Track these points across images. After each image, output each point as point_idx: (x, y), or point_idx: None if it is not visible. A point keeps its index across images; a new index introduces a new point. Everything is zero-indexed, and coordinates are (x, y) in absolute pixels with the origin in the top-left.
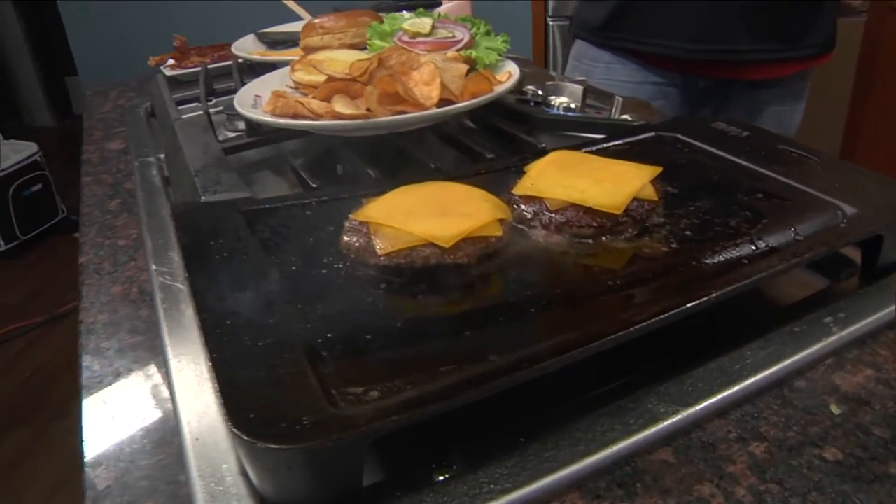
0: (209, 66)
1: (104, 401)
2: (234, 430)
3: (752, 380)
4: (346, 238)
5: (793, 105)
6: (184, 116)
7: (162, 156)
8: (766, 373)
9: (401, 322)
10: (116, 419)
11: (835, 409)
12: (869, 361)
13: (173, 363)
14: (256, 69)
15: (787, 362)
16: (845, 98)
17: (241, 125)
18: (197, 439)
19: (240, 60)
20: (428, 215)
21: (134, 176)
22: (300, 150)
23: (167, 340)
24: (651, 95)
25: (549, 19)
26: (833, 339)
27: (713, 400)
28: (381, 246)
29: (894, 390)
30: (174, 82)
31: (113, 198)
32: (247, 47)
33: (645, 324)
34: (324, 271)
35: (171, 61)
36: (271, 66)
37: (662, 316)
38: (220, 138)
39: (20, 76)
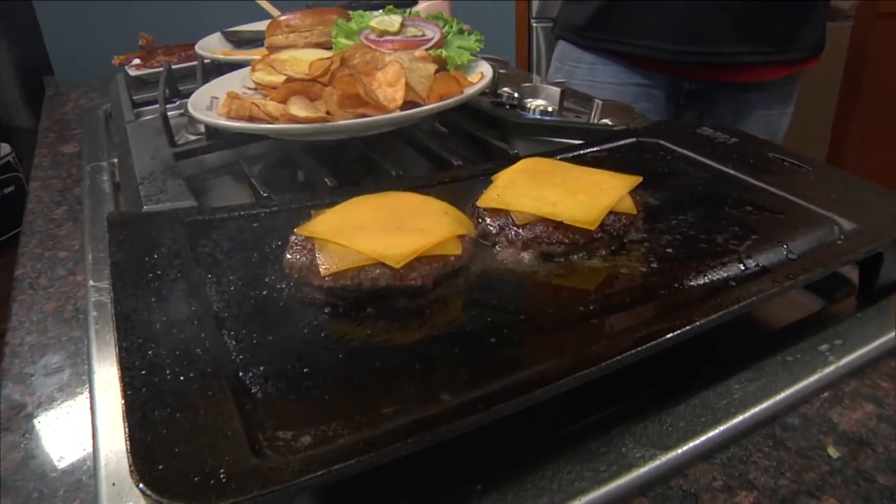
0: (174, 66)
1: (20, 436)
2: (140, 485)
3: (740, 418)
4: (288, 256)
5: (780, 110)
6: (141, 119)
7: (115, 160)
8: (756, 409)
9: (343, 353)
10: (31, 458)
11: (832, 452)
12: (869, 395)
13: (99, 394)
14: (224, 69)
15: (778, 397)
16: (832, 103)
17: (203, 128)
18: (114, 484)
19: (206, 60)
20: (379, 231)
21: (84, 182)
22: (260, 156)
23: (95, 367)
24: (635, 97)
25: (532, 21)
26: (829, 369)
27: (696, 442)
28: (325, 265)
29: None
30: (139, 83)
31: (60, 205)
32: (212, 46)
33: (620, 357)
34: (264, 293)
35: (136, 60)
36: (238, 67)
37: (640, 348)
38: (181, 142)
39: None
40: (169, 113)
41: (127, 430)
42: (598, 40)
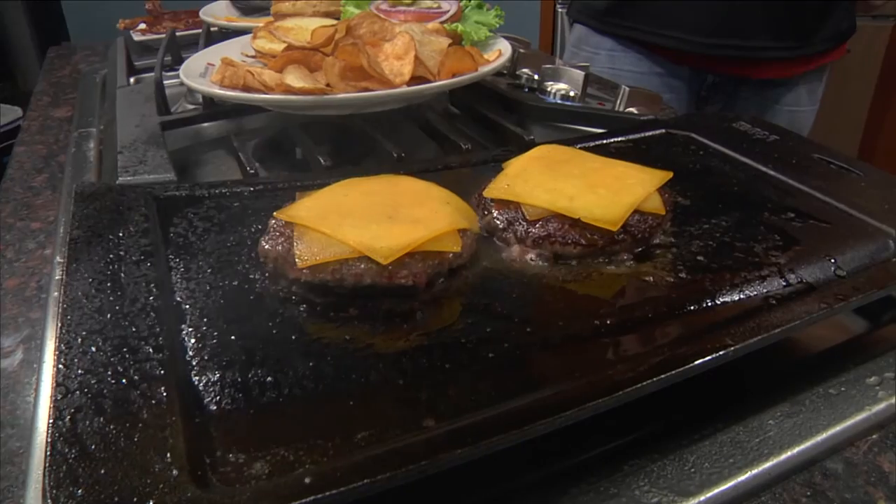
0: (180, 33)
1: None
2: None
3: (774, 461)
4: (264, 243)
5: (806, 106)
6: (134, 84)
7: (103, 127)
8: (794, 451)
9: (315, 360)
10: None
11: None
12: None
13: (46, 387)
14: (231, 37)
15: (820, 438)
16: (866, 102)
17: (202, 98)
18: None
19: (213, 28)
20: (369, 219)
21: (69, 148)
22: (257, 130)
23: (47, 356)
24: (656, 87)
25: (558, 6)
26: (879, 407)
27: (723, 488)
28: (302, 256)
29: None
30: (143, 48)
31: (41, 172)
32: (217, 13)
33: (640, 385)
34: (234, 283)
35: (142, 25)
36: (244, 35)
37: (664, 376)
38: (179, 110)
39: (16, 40)
40: (169, 81)
41: (49, 441)
42: (619, 26)
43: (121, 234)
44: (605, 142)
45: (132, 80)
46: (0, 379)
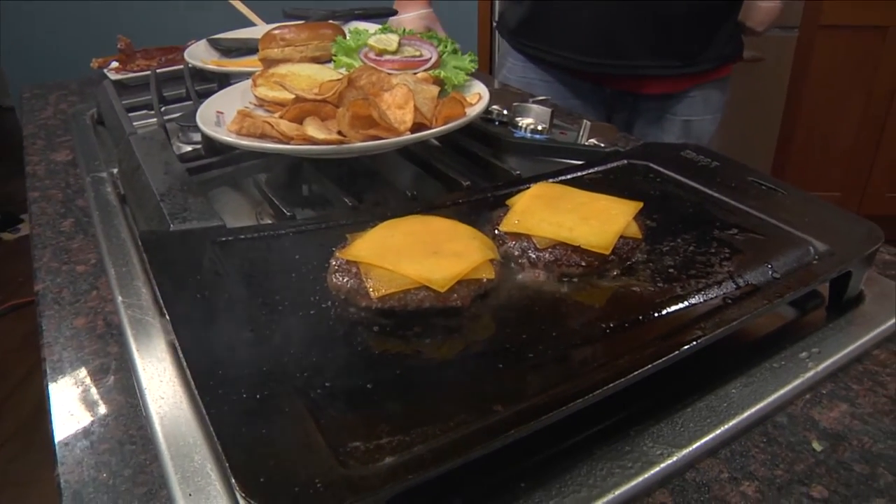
0: (157, 71)
1: (77, 463)
2: (245, 497)
3: (738, 418)
4: (334, 279)
5: (703, 115)
6: (138, 127)
7: (115, 170)
8: (751, 410)
9: (400, 369)
10: (98, 472)
11: (816, 446)
12: (843, 396)
13: (154, 412)
14: (207, 75)
15: (769, 399)
16: (779, 108)
17: (197, 137)
18: (190, 495)
19: (190, 66)
20: (419, 256)
21: (86, 193)
22: (261, 166)
23: (144, 384)
24: (564, 95)
25: (494, 23)
26: (810, 374)
27: (705, 440)
28: (375, 289)
29: (868, 426)
30: (119, 86)
31: (65, 217)
32: (199, 54)
33: (644, 369)
34: (312, 312)
35: (115, 64)
36: (224, 75)
37: (662, 360)
38: (177, 152)
39: None
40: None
41: (220, 445)
42: (525, 45)
43: (198, 277)
44: (580, 174)
45: None
46: (104, 406)
